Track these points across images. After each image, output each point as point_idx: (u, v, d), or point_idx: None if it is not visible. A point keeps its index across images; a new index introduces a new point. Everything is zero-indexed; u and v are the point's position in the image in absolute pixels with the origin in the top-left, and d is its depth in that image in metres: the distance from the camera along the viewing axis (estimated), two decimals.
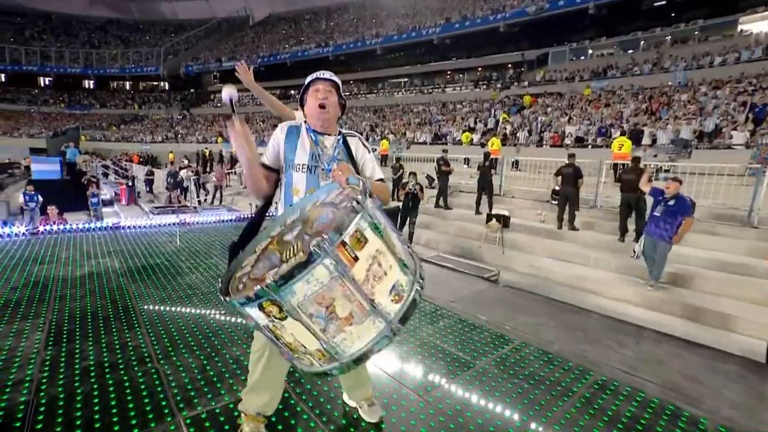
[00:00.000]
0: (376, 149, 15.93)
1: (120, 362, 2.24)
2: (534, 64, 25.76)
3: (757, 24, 19.33)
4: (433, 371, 2.34)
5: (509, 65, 27.87)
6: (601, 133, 14.17)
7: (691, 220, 5.03)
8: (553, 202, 8.19)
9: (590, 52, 24.50)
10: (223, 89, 1.52)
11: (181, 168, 13.92)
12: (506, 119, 18.81)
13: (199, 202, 13.26)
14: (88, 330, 2.63)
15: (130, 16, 45.93)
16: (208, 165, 19.17)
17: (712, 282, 5.35)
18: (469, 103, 23.85)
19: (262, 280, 1.09)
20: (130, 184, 14.49)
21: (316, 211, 1.30)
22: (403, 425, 1.84)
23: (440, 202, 9.63)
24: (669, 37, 21.69)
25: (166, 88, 43.38)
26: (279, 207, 1.65)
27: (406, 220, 7.81)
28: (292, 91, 33.99)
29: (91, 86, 42.79)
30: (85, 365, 2.20)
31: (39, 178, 12.94)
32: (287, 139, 1.62)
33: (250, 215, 7.43)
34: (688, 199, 5.18)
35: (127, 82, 43.88)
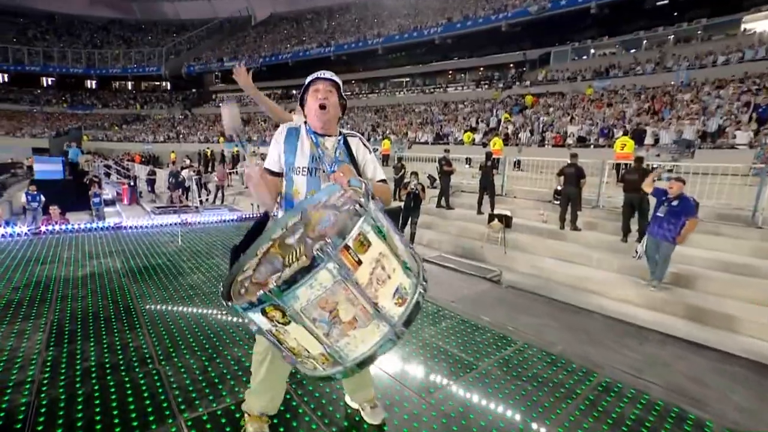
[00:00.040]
0: (377, 149, 15.91)
1: (121, 363, 2.24)
2: (536, 64, 25.70)
3: (761, 23, 19.18)
4: (435, 373, 2.32)
5: (511, 65, 27.82)
6: (604, 134, 14.14)
7: (696, 220, 5.00)
8: (555, 202, 8.16)
9: (592, 51, 24.41)
10: (225, 113, 1.50)
11: (183, 168, 13.94)
12: (508, 119, 18.77)
13: (201, 201, 13.27)
14: (90, 330, 2.63)
15: (132, 16, 46.03)
16: (209, 165, 19.21)
17: (715, 283, 5.31)
18: (471, 103, 23.82)
19: (265, 284, 1.09)
20: (132, 184, 14.51)
21: (318, 213, 1.29)
22: (406, 427, 1.83)
23: (442, 202, 9.61)
24: (672, 37, 21.59)
25: (168, 88, 43.48)
26: (279, 209, 1.63)
27: (408, 220, 7.80)
28: (294, 91, 34.02)
29: (94, 86, 42.89)
30: (87, 366, 2.19)
31: (41, 178, 12.98)
32: (287, 141, 1.60)
33: (252, 215, 7.45)
34: (692, 200, 5.15)
35: (129, 82, 43.99)
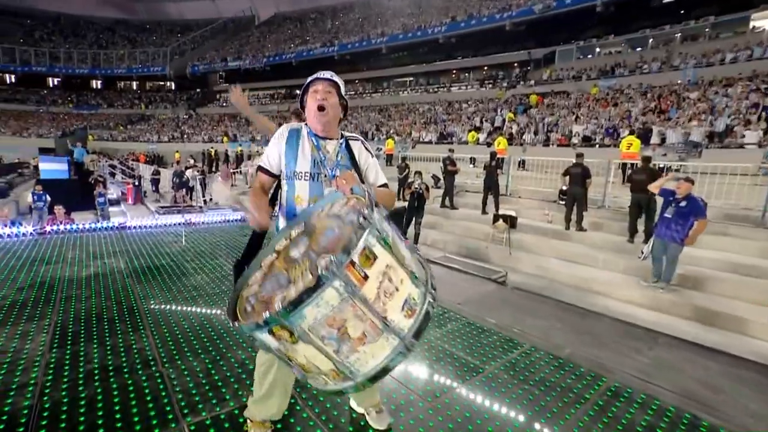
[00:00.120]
0: (381, 149, 15.87)
1: (124, 366, 2.22)
2: (540, 63, 25.56)
3: None
4: (441, 376, 2.29)
5: (515, 64, 27.68)
6: (609, 133, 14.03)
7: (705, 221, 4.92)
8: (561, 203, 8.10)
9: (598, 50, 24.21)
10: (217, 194, 1.48)
11: (187, 167, 13.97)
12: (512, 119, 18.68)
13: (205, 201, 13.30)
14: (93, 332, 2.62)
15: (137, 17, 46.27)
16: (213, 164, 19.27)
17: (724, 284, 5.24)
18: (475, 103, 23.72)
19: (271, 302, 1.07)
20: (137, 184, 14.57)
21: (321, 223, 1.27)
22: None
23: (446, 202, 9.57)
24: (678, 35, 21.37)
25: (173, 87, 43.66)
26: (281, 217, 1.59)
27: (412, 220, 7.76)
28: (297, 91, 33.70)
29: (99, 86, 43.16)
30: (90, 368, 2.18)
31: (47, 177, 13.07)
32: (288, 145, 1.56)
33: None
34: (700, 200, 5.08)
35: (134, 82, 44.20)
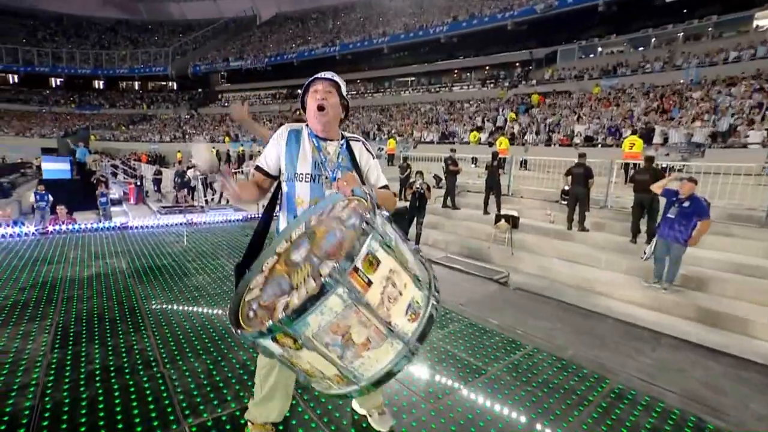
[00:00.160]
0: (382, 149, 15.86)
1: (126, 366, 2.22)
2: (542, 63, 25.47)
3: None
4: (444, 378, 2.28)
5: (517, 64, 27.60)
6: (611, 133, 13.96)
7: (708, 222, 4.89)
8: (563, 203, 8.07)
9: (600, 49, 24.10)
10: (198, 157, 1.47)
11: (189, 167, 13.98)
12: (514, 118, 18.63)
13: (207, 201, 13.32)
14: (95, 332, 2.62)
15: (139, 17, 46.38)
16: None
17: (727, 285, 5.20)
18: (477, 103, 23.68)
19: (273, 308, 1.06)
20: (139, 184, 14.60)
21: (323, 225, 1.26)
22: None
23: (448, 202, 9.55)
24: (681, 34, 21.27)
25: (174, 87, 43.73)
26: (281, 219, 1.58)
27: (414, 220, 7.75)
28: (299, 91, 33.86)
29: (101, 86, 43.29)
30: (91, 369, 2.17)
31: (50, 177, 13.10)
32: (288, 146, 1.55)
33: (257, 215, 7.45)
34: (704, 200, 5.04)
35: (136, 82, 44.30)
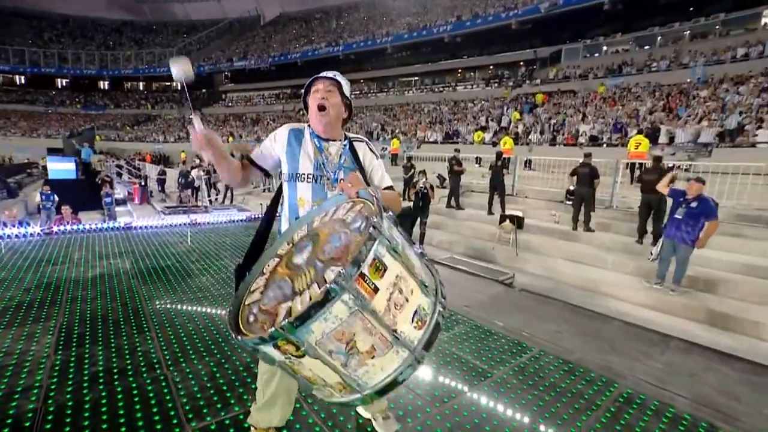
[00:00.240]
0: (386, 149, 15.82)
1: (129, 368, 2.20)
2: (547, 62, 25.34)
3: None
4: (449, 381, 2.25)
5: (521, 63, 27.49)
6: (617, 129, 13.82)
7: (716, 222, 4.82)
8: (568, 203, 8.01)
9: (605, 48, 23.94)
10: (174, 66, 1.33)
11: (193, 167, 14.03)
12: (518, 118, 18.54)
13: (210, 201, 13.36)
14: (98, 333, 2.61)
15: (143, 18, 46.64)
16: None
17: (737, 287, 5.13)
18: (481, 102, 23.59)
19: (274, 313, 1.03)
20: (143, 184, 14.66)
21: (326, 228, 1.22)
22: None
23: (452, 202, 9.51)
24: (688, 32, 21.08)
25: (179, 88, 43.86)
26: (283, 219, 1.55)
27: (417, 220, 7.71)
28: (302, 91, 34.11)
29: (106, 87, 43.62)
30: (94, 371, 2.16)
31: (55, 177, 13.20)
32: (289, 146, 1.52)
33: (261, 215, 7.41)
34: (711, 201, 4.98)
35: (141, 83, 44.60)
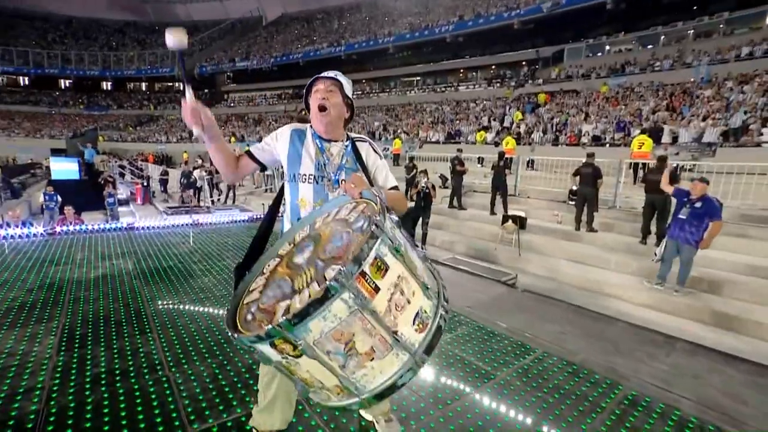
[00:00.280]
0: (388, 149, 15.80)
1: (131, 369, 2.20)
2: (549, 62, 25.25)
3: None
4: (452, 383, 2.24)
5: (523, 63, 27.42)
6: (620, 128, 13.74)
7: (720, 223, 4.79)
8: (571, 203, 7.97)
9: (607, 48, 23.82)
10: (169, 34, 1.27)
11: (195, 168, 14.05)
12: (520, 118, 18.48)
13: (213, 202, 13.38)
14: (100, 334, 2.61)
15: (146, 19, 46.77)
16: None
17: (742, 287, 5.09)
18: (483, 102, 23.54)
19: (272, 312, 1.00)
20: (146, 184, 14.70)
21: (328, 228, 1.20)
22: None
23: (454, 203, 9.49)
24: (691, 31, 20.95)
25: (181, 88, 44.02)
26: (285, 220, 1.54)
27: (419, 220, 7.69)
28: (304, 91, 34.19)
29: (109, 88, 43.76)
30: (96, 372, 2.16)
31: (58, 178, 13.24)
32: (291, 147, 1.50)
33: (263, 216, 7.41)
34: (716, 201, 4.94)
35: (143, 83, 44.74)
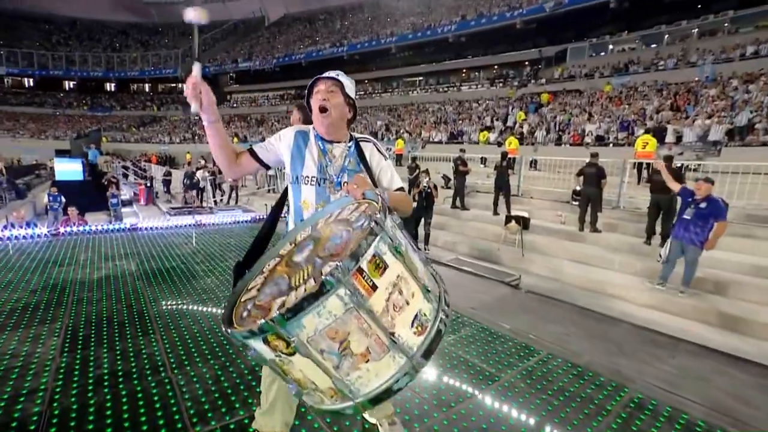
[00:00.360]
0: (390, 149, 15.78)
1: (134, 371, 2.20)
2: (552, 61, 25.17)
3: None
4: (456, 385, 2.22)
5: (526, 62, 27.34)
6: (624, 128, 13.66)
7: (725, 223, 4.74)
8: (574, 203, 7.93)
9: (611, 47, 23.70)
10: (189, 9, 1.25)
11: (198, 168, 14.09)
12: (523, 118, 18.42)
13: (215, 202, 13.40)
14: (103, 336, 2.61)
15: (149, 20, 46.99)
16: None
17: (748, 289, 5.04)
18: (486, 102, 23.49)
19: (268, 308, 0.98)
20: (149, 185, 14.75)
21: (329, 228, 1.18)
22: None
23: (457, 203, 9.46)
24: (696, 30, 20.82)
25: (184, 89, 44.19)
26: (289, 222, 1.53)
27: (421, 221, 7.66)
28: (306, 92, 34.28)
29: (113, 89, 44.02)
30: (99, 374, 2.16)
31: (62, 179, 13.30)
32: (295, 148, 1.49)
33: (266, 216, 7.41)
34: (721, 201, 4.90)
35: (147, 84, 44.91)
